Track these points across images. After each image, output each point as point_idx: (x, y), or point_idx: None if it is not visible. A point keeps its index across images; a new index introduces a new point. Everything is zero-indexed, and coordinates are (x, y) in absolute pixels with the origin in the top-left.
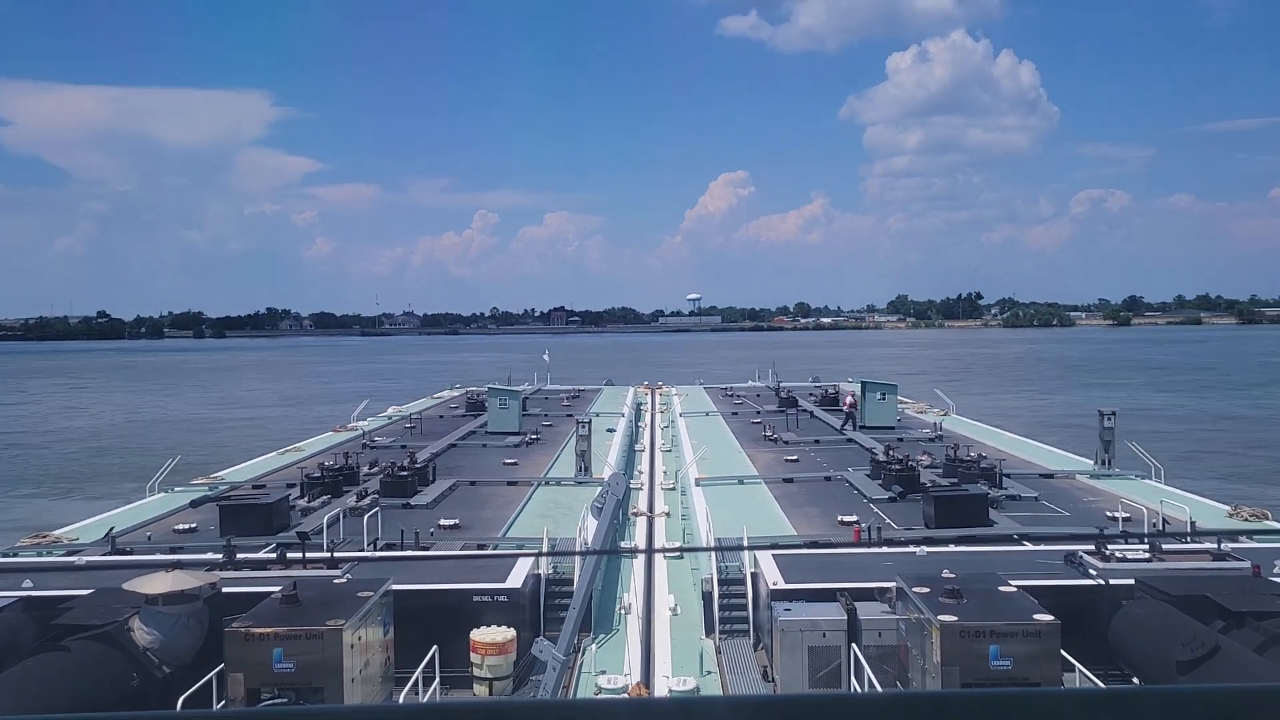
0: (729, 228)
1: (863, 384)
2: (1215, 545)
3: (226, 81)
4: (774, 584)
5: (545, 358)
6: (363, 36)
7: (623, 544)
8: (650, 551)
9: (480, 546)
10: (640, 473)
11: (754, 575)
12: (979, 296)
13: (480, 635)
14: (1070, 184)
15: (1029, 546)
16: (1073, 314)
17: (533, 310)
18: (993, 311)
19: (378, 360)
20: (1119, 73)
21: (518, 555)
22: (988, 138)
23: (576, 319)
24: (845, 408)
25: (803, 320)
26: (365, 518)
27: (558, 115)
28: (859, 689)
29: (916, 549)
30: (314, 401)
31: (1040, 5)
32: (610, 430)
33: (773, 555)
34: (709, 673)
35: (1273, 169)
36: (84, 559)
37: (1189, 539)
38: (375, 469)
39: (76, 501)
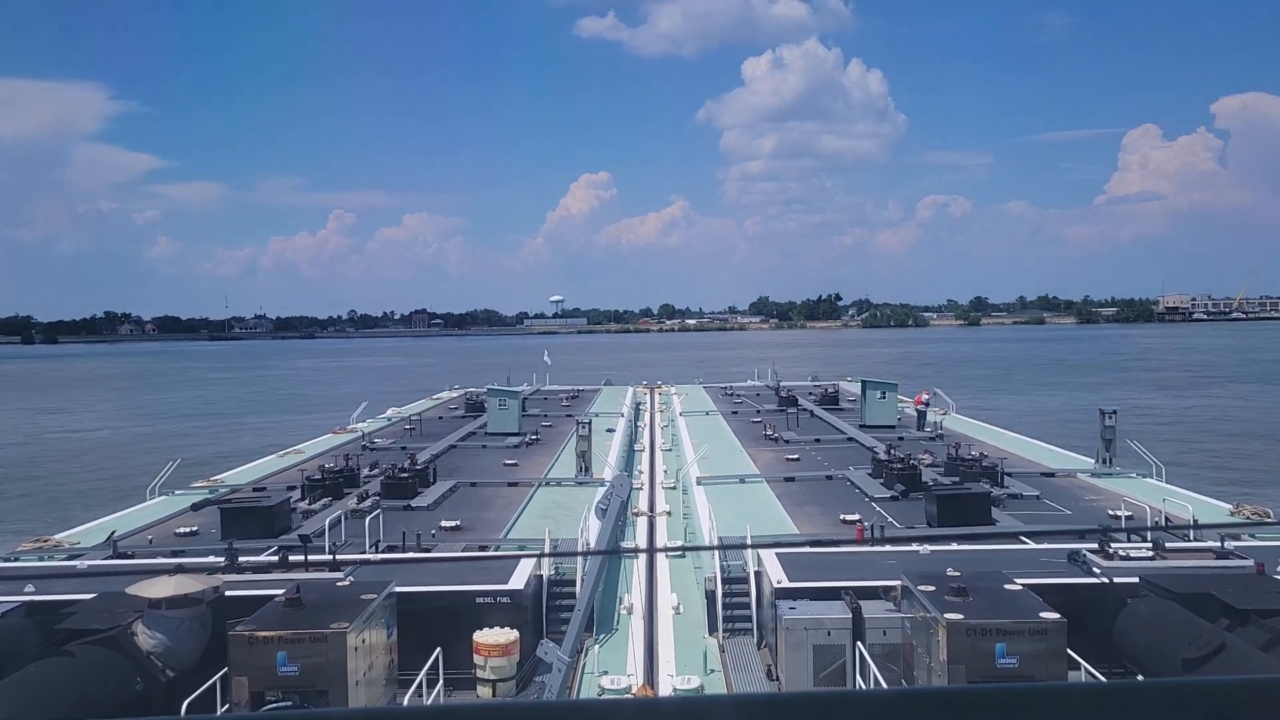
0: (591, 229)
1: (863, 383)
2: (1219, 543)
3: (57, 73)
4: (778, 582)
5: (545, 359)
6: (207, 29)
7: (624, 544)
8: (652, 551)
9: (482, 548)
10: (641, 472)
11: (757, 574)
12: (838, 298)
13: (483, 637)
14: (917, 189)
15: (1032, 545)
16: (926, 314)
17: (392, 313)
18: (850, 313)
19: (239, 368)
20: (961, 84)
21: (520, 556)
22: (840, 144)
23: (439, 321)
24: (918, 405)
25: (668, 322)
26: (366, 520)
27: (415, 115)
28: (864, 687)
29: (920, 547)
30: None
31: (888, 16)
32: (610, 430)
33: (776, 554)
34: (713, 672)
35: (1097, 178)
36: (86, 563)
37: (1192, 537)
38: (376, 471)
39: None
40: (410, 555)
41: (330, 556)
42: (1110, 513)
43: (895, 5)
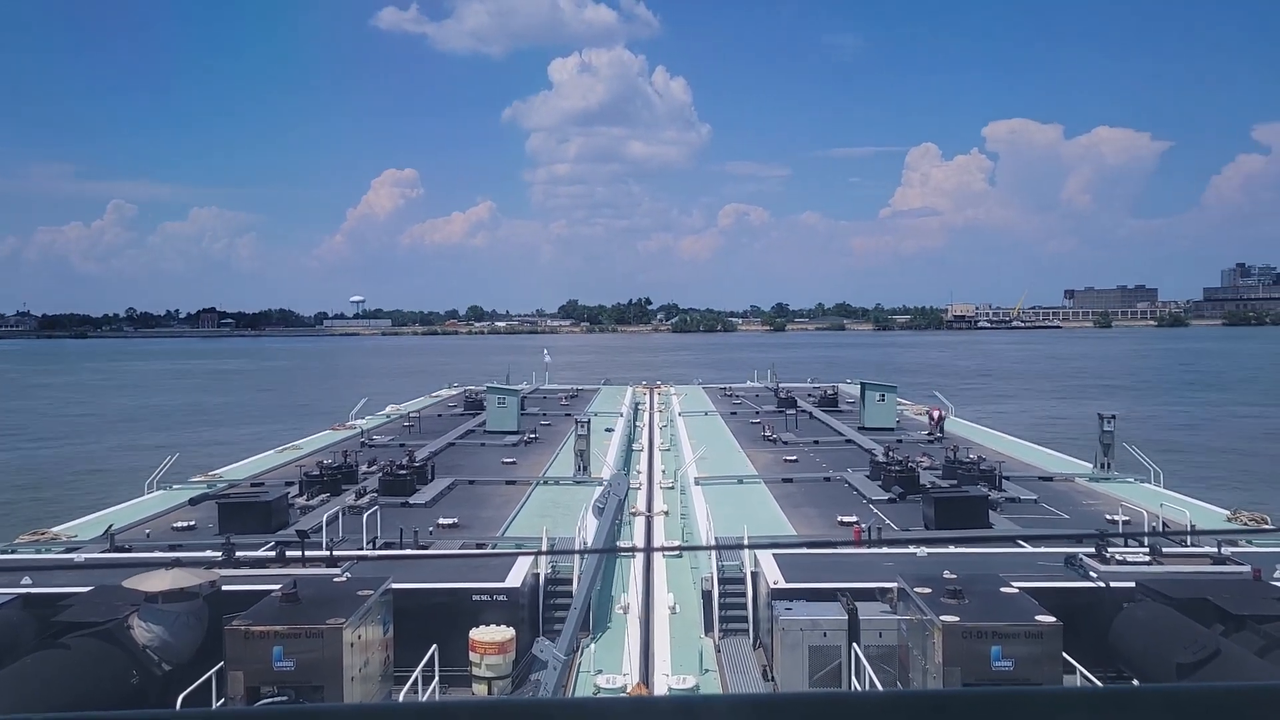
0: (395, 228)
1: (862, 385)
2: (1215, 549)
3: None
4: (774, 583)
5: (546, 357)
6: None
7: (622, 543)
8: (650, 550)
9: (479, 546)
10: (639, 472)
11: (754, 574)
12: (648, 302)
13: (479, 634)
14: (720, 197)
15: (1029, 548)
16: (733, 319)
17: (177, 311)
18: (659, 317)
19: None
20: (760, 98)
21: (517, 554)
22: (647, 150)
23: (230, 321)
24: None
25: (477, 324)
26: (364, 516)
27: (204, 105)
28: (859, 689)
29: (917, 550)
30: None
31: (693, 28)
32: (609, 430)
33: (773, 555)
34: (708, 671)
35: (882, 192)
36: (83, 556)
37: (1189, 542)
38: (374, 468)
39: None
40: (407, 552)
41: (327, 552)
42: (1107, 517)
43: (700, 18)
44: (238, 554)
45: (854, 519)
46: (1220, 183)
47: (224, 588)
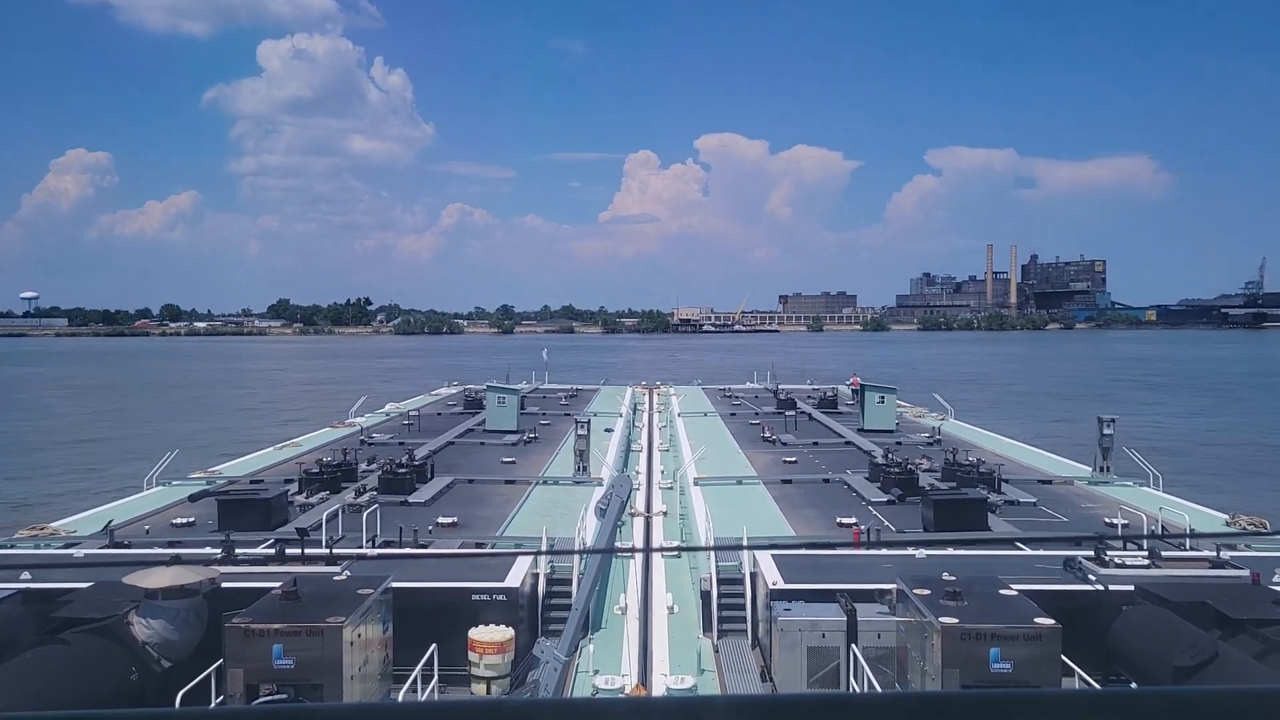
0: (81, 218)
1: (862, 386)
2: (1214, 553)
3: None
4: (773, 584)
5: (545, 356)
6: None
7: (621, 544)
8: (649, 550)
9: (479, 545)
10: (638, 472)
11: (753, 575)
12: (367, 302)
13: (479, 634)
14: (441, 198)
15: (1028, 551)
16: (459, 321)
17: None
18: (380, 318)
19: None
20: (486, 97)
21: (516, 554)
22: (367, 145)
23: None
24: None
25: (172, 325)
26: (364, 514)
27: None
28: (858, 690)
29: (916, 551)
30: None
31: (417, 21)
32: (608, 430)
33: (772, 555)
34: (707, 672)
35: (600, 198)
36: (82, 552)
37: (1188, 546)
38: (373, 466)
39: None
40: (407, 551)
41: (327, 551)
42: (1106, 520)
43: (424, 13)
44: (237, 551)
45: (853, 520)
46: (900, 199)
47: (224, 585)
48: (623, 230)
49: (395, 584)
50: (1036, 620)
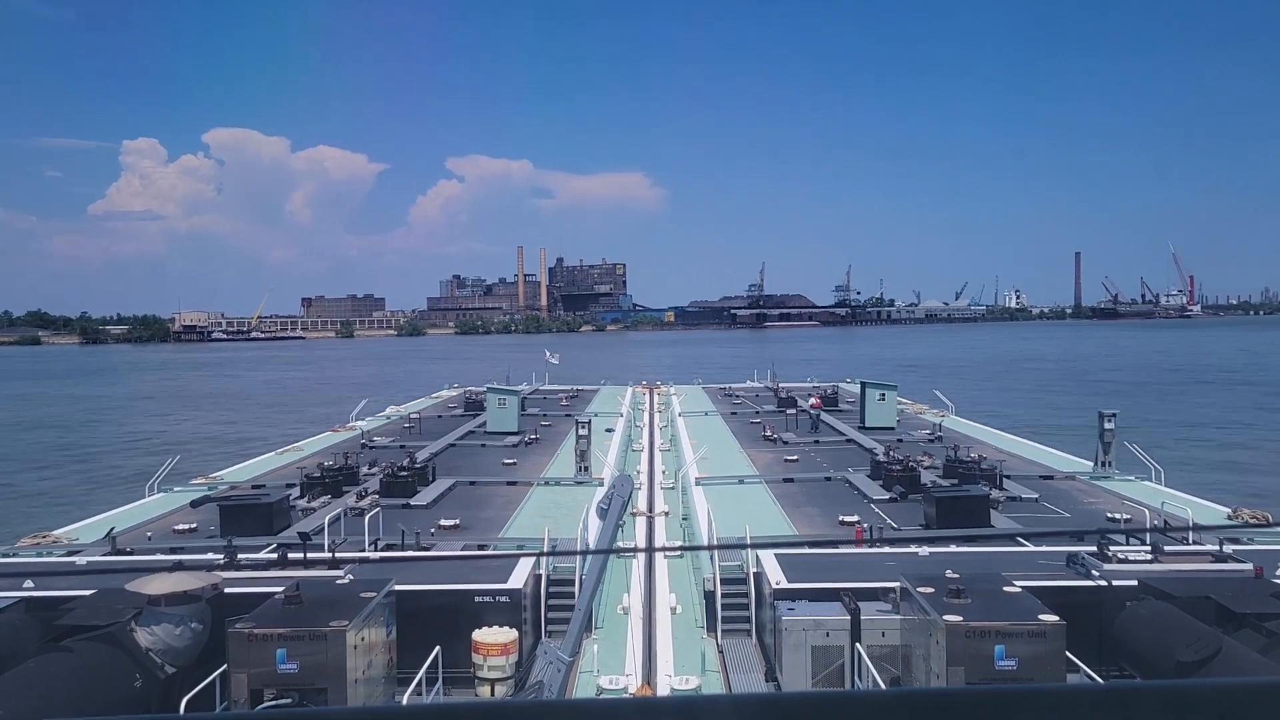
0: None
1: (863, 385)
2: (1217, 547)
3: None
4: (776, 583)
5: (548, 357)
6: None
7: (623, 544)
8: (651, 550)
9: (481, 547)
10: (639, 472)
11: (756, 575)
12: None
13: (482, 636)
14: None
15: (1031, 547)
16: None
17: None
18: None
19: None
20: None
21: (519, 555)
22: None
23: None
24: (811, 408)
25: None
26: (366, 518)
27: None
28: (862, 689)
29: (919, 549)
30: None
31: None
32: (609, 430)
33: (774, 555)
34: (711, 672)
35: (91, 190)
36: (85, 559)
37: (1191, 540)
38: (375, 469)
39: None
40: (409, 554)
41: (329, 554)
42: (1109, 515)
43: None
44: (240, 556)
45: (855, 519)
46: (425, 204)
47: (226, 590)
48: (119, 228)
49: (398, 587)
50: (1041, 617)
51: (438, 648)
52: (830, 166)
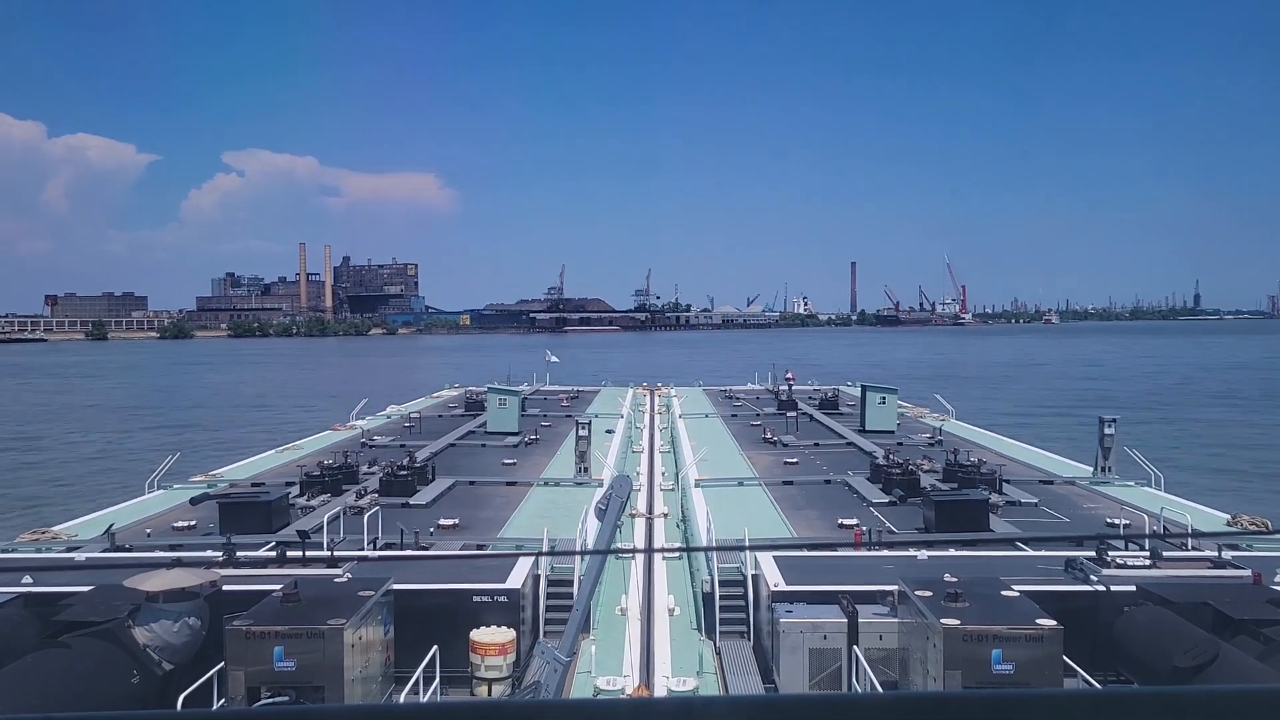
0: None
1: (863, 388)
2: (1216, 553)
3: None
4: (775, 586)
5: (549, 358)
6: None
7: (622, 545)
8: (650, 551)
9: (480, 547)
10: (639, 473)
11: (754, 577)
12: None
13: (480, 635)
14: None
15: (1030, 551)
16: None
17: None
18: None
19: None
20: None
21: (518, 555)
22: None
23: None
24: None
25: None
26: (365, 517)
27: None
28: (860, 692)
29: (917, 553)
30: None
31: None
32: (609, 431)
33: (773, 557)
34: (708, 674)
35: None
36: (84, 556)
37: (1190, 546)
38: (374, 468)
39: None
40: (408, 553)
41: (328, 553)
42: (1108, 520)
43: None
44: (238, 554)
45: (854, 521)
46: (199, 198)
47: (225, 588)
48: None
49: (396, 586)
50: (1038, 621)
51: (435, 647)
52: (628, 172)
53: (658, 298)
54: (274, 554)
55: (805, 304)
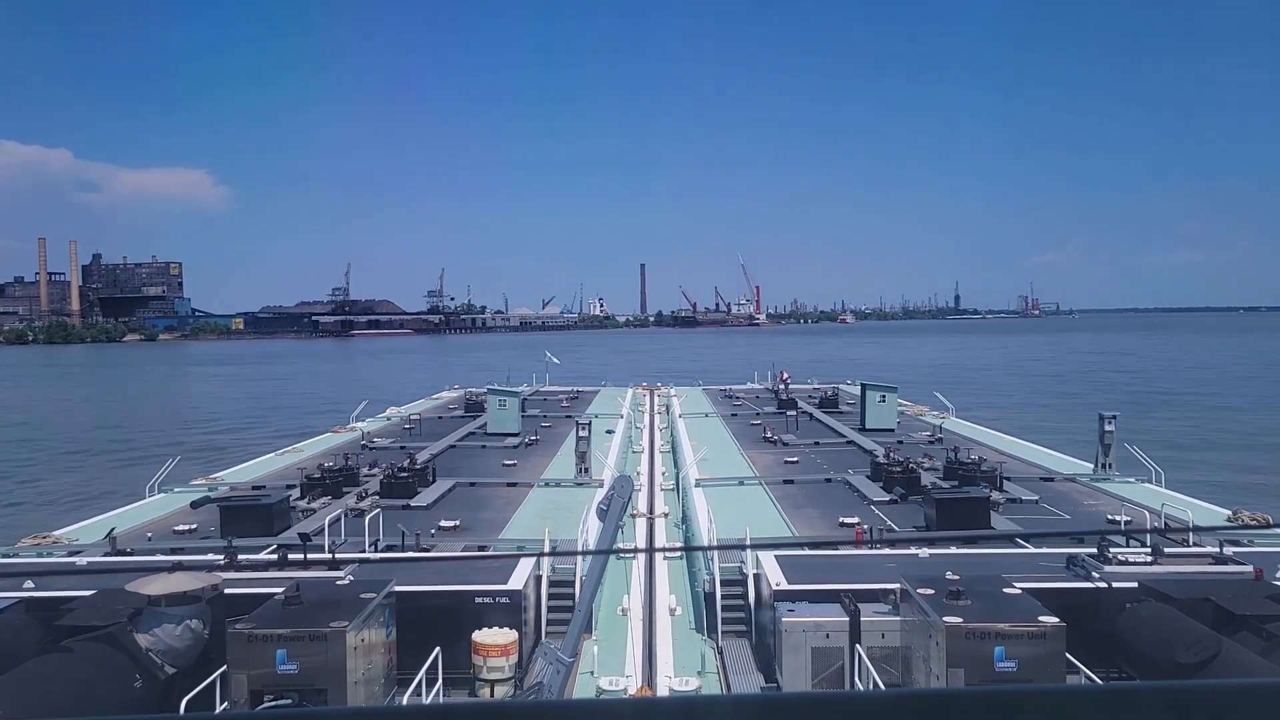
0: None
1: (863, 386)
2: (1217, 548)
3: None
4: (776, 585)
5: (550, 358)
6: None
7: (623, 545)
8: (651, 551)
9: (481, 548)
10: (640, 473)
11: (756, 576)
12: None
13: (482, 637)
14: None
15: (1031, 549)
16: None
17: None
18: None
19: None
20: None
21: (519, 556)
22: None
23: None
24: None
25: None
26: (366, 519)
27: None
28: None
29: (919, 551)
30: None
31: None
32: (609, 431)
33: (775, 556)
34: (710, 673)
35: None
36: (85, 560)
37: (1191, 542)
38: (375, 470)
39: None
40: (409, 555)
41: (330, 555)
42: (1109, 517)
43: None
44: (240, 557)
45: (855, 520)
46: None
47: (226, 591)
48: None
49: (398, 588)
50: (1040, 618)
51: (438, 649)
52: (416, 170)
53: (452, 299)
54: (275, 557)
55: (602, 305)
